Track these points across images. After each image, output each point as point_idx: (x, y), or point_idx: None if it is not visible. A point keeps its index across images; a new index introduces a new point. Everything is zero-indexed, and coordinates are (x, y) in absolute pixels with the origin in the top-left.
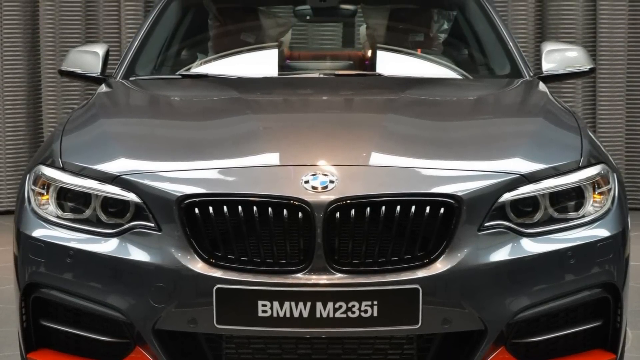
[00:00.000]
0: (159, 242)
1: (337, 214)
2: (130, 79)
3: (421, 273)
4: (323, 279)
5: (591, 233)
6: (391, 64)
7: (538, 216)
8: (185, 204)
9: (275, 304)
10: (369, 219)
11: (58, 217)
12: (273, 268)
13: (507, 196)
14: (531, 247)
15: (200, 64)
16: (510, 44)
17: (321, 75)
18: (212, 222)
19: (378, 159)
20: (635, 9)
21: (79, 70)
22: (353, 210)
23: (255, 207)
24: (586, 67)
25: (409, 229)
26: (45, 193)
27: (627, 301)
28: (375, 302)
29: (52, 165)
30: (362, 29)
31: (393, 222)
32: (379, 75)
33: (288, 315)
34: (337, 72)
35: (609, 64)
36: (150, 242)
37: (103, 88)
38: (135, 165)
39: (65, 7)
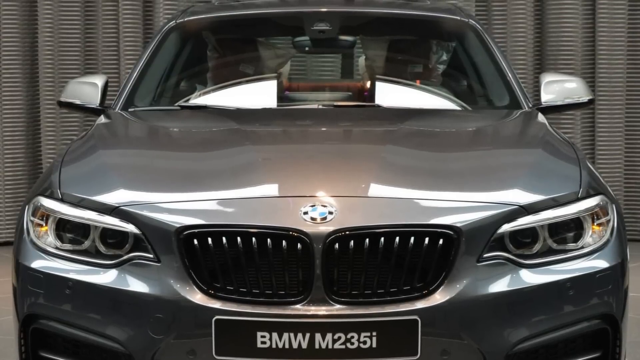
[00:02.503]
0: (157, 273)
1: (336, 245)
2: (129, 110)
3: (420, 304)
4: (322, 310)
5: (590, 264)
6: (390, 95)
7: (537, 247)
8: (184, 235)
9: (274, 335)
10: (367, 250)
11: (57, 248)
12: (272, 299)
13: (506, 227)
14: (530, 278)
15: (199, 95)
16: (509, 75)
17: (320, 107)
18: (211, 253)
19: (377, 190)
20: (633, 40)
21: (77, 102)
22: (352, 242)
23: (254, 238)
24: (585, 98)
25: (407, 260)
26: (44, 224)
27: (626, 332)
28: (374, 333)
29: (51, 196)
30: (361, 60)
31: (392, 253)
32: (378, 106)
33: (287, 346)
34: (336, 103)
35: (607, 95)
36: (149, 273)
37: (102, 119)
38: (134, 196)
39: (64, 38)
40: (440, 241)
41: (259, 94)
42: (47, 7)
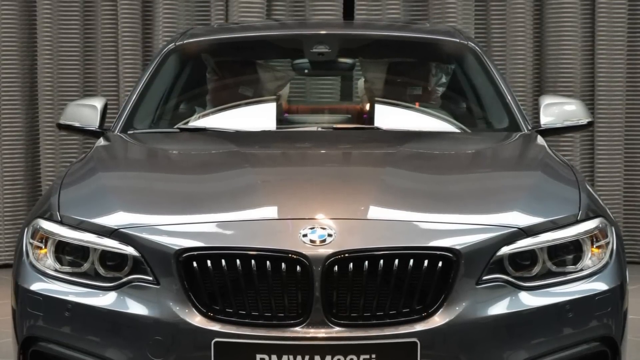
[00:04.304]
0: (157, 296)
1: (336, 268)
2: (129, 132)
3: (419, 326)
4: (321, 332)
5: (589, 287)
6: (389, 117)
7: (536, 270)
8: (183, 257)
9: (274, 357)
10: (367, 273)
11: (56, 270)
12: (271, 321)
13: (505, 250)
14: (529, 300)
15: (199, 118)
16: (509, 97)
17: (319, 129)
18: (210, 276)
19: (376, 212)
20: (633, 63)
21: (77, 124)
22: (351, 264)
23: (253, 261)
24: (584, 121)
25: (407, 282)
26: (43, 246)
27: (626, 355)
28: (373, 356)
29: (50, 218)
30: (360, 83)
31: (391, 276)
32: (377, 128)
33: None
34: (335, 126)
35: (607, 117)
36: (149, 295)
37: (101, 142)
38: (133, 218)
39: (64, 60)
40: (440, 263)
41: (258, 117)
42: (46, 29)
